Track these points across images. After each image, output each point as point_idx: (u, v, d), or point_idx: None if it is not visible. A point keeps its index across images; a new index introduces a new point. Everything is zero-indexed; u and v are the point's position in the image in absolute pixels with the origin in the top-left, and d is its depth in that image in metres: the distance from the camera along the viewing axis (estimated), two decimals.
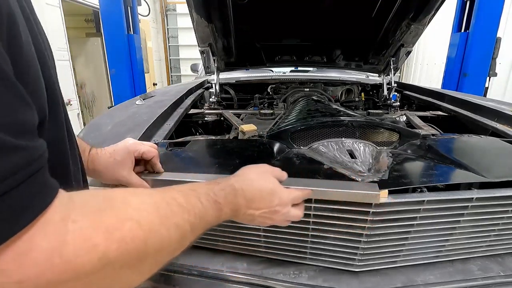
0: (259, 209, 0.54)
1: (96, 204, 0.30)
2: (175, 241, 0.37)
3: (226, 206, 0.48)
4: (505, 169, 0.76)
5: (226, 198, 0.48)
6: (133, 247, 0.31)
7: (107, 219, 0.30)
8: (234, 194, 0.50)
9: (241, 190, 0.52)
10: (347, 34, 1.83)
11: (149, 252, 0.33)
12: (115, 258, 0.29)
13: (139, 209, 0.33)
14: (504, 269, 0.78)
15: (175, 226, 0.36)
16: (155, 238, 0.33)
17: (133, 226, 0.31)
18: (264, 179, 0.56)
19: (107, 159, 0.66)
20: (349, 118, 1.01)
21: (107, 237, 0.29)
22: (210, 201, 0.44)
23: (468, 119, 1.37)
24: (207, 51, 1.77)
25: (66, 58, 3.57)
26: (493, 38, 2.96)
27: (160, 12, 7.77)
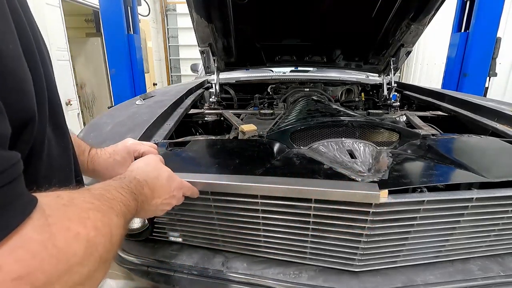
0: (161, 197, 0.56)
1: (55, 201, 0.31)
2: (122, 229, 0.37)
3: (139, 197, 0.48)
4: (505, 169, 0.76)
5: (137, 189, 0.49)
6: (106, 233, 0.32)
7: (74, 211, 0.30)
8: (141, 185, 0.51)
9: (144, 181, 0.53)
10: (347, 34, 1.83)
11: (115, 240, 0.34)
12: (97, 246, 0.30)
13: (89, 202, 0.34)
14: (504, 269, 0.78)
15: (121, 214, 0.37)
16: (116, 225, 0.35)
17: (96, 215, 0.32)
18: (159, 168, 0.59)
19: (107, 159, 0.66)
20: (349, 118, 1.01)
21: (83, 226, 0.29)
22: (128, 192, 0.45)
23: (468, 119, 1.37)
24: (207, 51, 1.77)
25: (66, 58, 3.56)
26: (493, 38, 2.96)
27: (160, 12, 7.76)
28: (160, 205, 0.57)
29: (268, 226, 0.75)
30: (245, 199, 0.71)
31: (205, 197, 0.73)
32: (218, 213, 0.76)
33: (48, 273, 0.25)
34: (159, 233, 0.87)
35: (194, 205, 0.76)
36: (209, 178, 0.71)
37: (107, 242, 0.32)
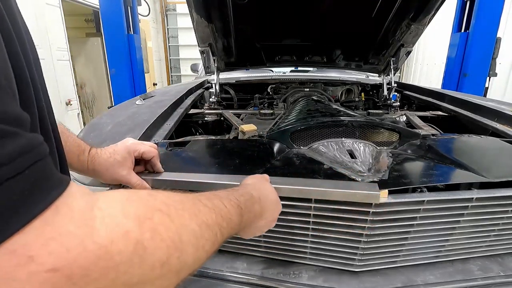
0: (267, 218, 0.54)
1: (122, 195, 0.29)
2: (208, 242, 0.33)
3: (247, 213, 0.46)
4: (505, 169, 0.76)
5: (246, 204, 0.46)
6: (167, 238, 0.28)
7: (135, 208, 0.28)
8: (253, 201, 0.49)
9: (258, 198, 0.51)
10: (347, 34, 1.83)
11: (187, 250, 0.30)
12: (151, 250, 0.27)
13: (166, 203, 0.31)
14: (504, 269, 0.78)
15: (205, 225, 0.33)
16: (188, 234, 0.31)
17: (163, 217, 0.29)
18: (271, 189, 0.57)
19: (107, 159, 0.66)
20: (349, 118, 1.01)
21: (139, 225, 0.27)
22: (234, 205, 0.42)
23: (468, 119, 1.37)
24: (207, 51, 1.77)
25: (66, 58, 3.57)
26: (493, 38, 2.96)
27: (160, 12, 7.76)
28: (263, 227, 0.55)
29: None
30: None
31: None
32: None
33: (87, 268, 0.23)
34: None
35: None
36: (209, 178, 0.71)
37: (171, 249, 0.28)
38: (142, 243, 0.26)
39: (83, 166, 0.64)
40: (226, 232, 0.38)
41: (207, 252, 0.34)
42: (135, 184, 0.68)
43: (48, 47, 3.23)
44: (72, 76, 3.68)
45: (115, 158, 0.66)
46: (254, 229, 0.54)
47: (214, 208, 0.37)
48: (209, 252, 0.34)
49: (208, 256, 0.35)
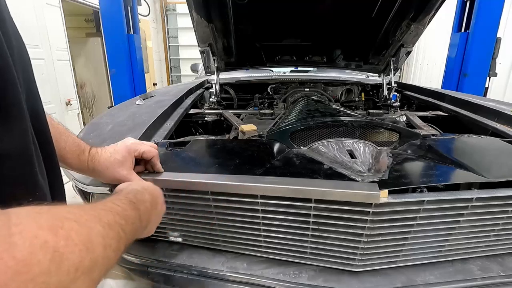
0: (158, 204, 0.58)
1: (30, 210, 0.30)
2: (114, 240, 0.35)
3: (141, 204, 0.48)
4: (505, 169, 0.76)
5: (136, 197, 0.48)
6: (80, 242, 0.30)
7: (46, 219, 0.29)
8: (141, 193, 0.52)
9: (143, 189, 0.54)
10: (347, 34, 1.83)
11: (97, 250, 0.32)
12: (66, 255, 0.28)
13: (70, 211, 0.32)
14: (504, 269, 0.78)
15: (108, 225, 0.35)
16: (97, 235, 0.33)
17: (72, 224, 0.31)
18: (140, 181, 0.62)
19: (107, 159, 0.66)
20: (349, 118, 1.01)
21: (54, 234, 0.28)
22: (125, 203, 0.44)
23: (468, 119, 1.37)
24: (207, 51, 1.77)
25: (66, 58, 3.56)
26: (493, 38, 2.96)
27: (160, 12, 7.76)
28: (161, 211, 0.59)
29: (268, 226, 0.75)
30: (245, 199, 0.71)
31: (205, 197, 0.73)
32: (218, 213, 0.76)
33: (5, 284, 0.24)
34: (159, 233, 0.87)
35: (194, 205, 0.76)
36: (209, 178, 0.71)
37: (83, 252, 0.30)
38: (58, 250, 0.28)
39: (83, 166, 0.65)
40: (128, 228, 0.40)
41: (114, 250, 0.35)
42: None
43: (48, 47, 3.22)
44: (72, 76, 3.68)
45: (115, 157, 0.66)
46: (158, 216, 0.58)
47: (111, 209, 0.39)
48: (116, 251, 0.36)
49: (116, 255, 0.36)
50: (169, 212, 0.80)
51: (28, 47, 0.46)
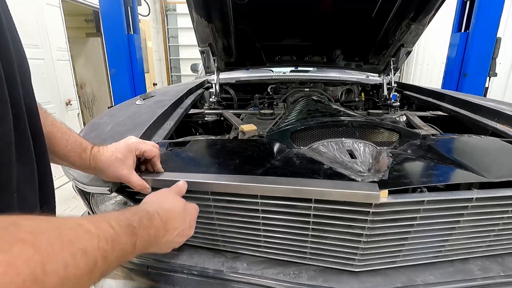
0: (176, 228, 0.55)
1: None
2: (83, 270, 0.32)
3: (143, 230, 0.45)
4: (505, 169, 0.76)
5: (141, 221, 0.45)
6: (27, 273, 0.26)
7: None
8: (149, 217, 0.49)
9: (156, 213, 0.51)
10: (347, 34, 1.83)
11: (50, 281, 0.28)
12: (3, 285, 0.25)
13: (33, 232, 0.29)
14: (504, 269, 0.78)
15: (82, 252, 0.32)
16: (56, 264, 0.28)
17: (25, 249, 0.27)
18: (172, 199, 0.58)
19: (109, 157, 0.66)
20: (349, 118, 1.01)
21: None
22: (123, 226, 0.40)
23: (468, 119, 1.37)
24: (207, 51, 1.77)
25: (66, 58, 3.57)
26: (493, 38, 2.96)
27: (160, 12, 7.76)
28: (176, 237, 0.56)
29: (268, 226, 0.75)
30: (245, 199, 0.71)
31: (205, 197, 0.73)
32: (218, 213, 0.76)
33: None
34: None
35: None
36: (209, 178, 0.71)
37: (27, 282, 0.26)
38: None
39: (85, 164, 0.65)
40: (113, 255, 0.37)
41: (79, 280, 0.31)
42: (135, 184, 0.68)
43: (48, 47, 3.22)
44: (72, 76, 3.68)
45: (116, 156, 0.66)
46: (167, 243, 0.55)
47: (99, 233, 0.35)
48: (82, 280, 0.32)
49: (83, 283, 0.32)
50: None
51: (28, 47, 0.47)
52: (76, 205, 2.76)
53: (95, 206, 0.86)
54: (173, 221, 0.54)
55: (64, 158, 0.63)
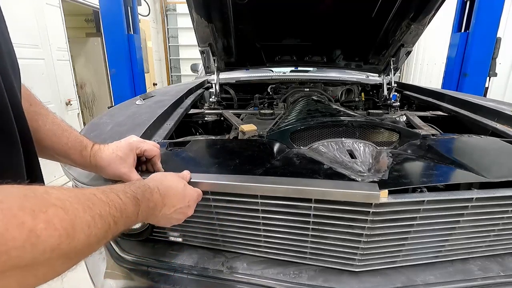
0: (175, 205, 0.58)
1: (19, 191, 0.32)
2: (101, 230, 0.38)
3: (144, 203, 0.50)
4: (505, 169, 0.76)
5: (144, 195, 0.50)
6: (61, 228, 0.32)
7: (31, 203, 0.31)
8: (150, 192, 0.53)
9: (156, 188, 0.55)
10: (347, 34, 1.83)
11: (79, 237, 0.34)
12: (44, 237, 0.30)
13: (61, 199, 0.34)
14: (504, 269, 0.78)
15: (99, 216, 0.38)
16: (82, 224, 0.35)
17: (58, 211, 0.33)
18: (173, 179, 0.61)
19: (110, 155, 0.67)
20: (349, 118, 1.01)
21: (33, 217, 0.30)
22: (129, 197, 0.46)
23: (468, 119, 1.37)
24: (207, 51, 1.77)
25: (66, 58, 3.57)
26: (493, 38, 2.96)
27: (160, 12, 7.76)
28: (174, 214, 0.59)
29: (268, 226, 0.75)
30: (245, 199, 0.71)
31: (205, 197, 0.73)
32: (218, 213, 0.76)
33: None
34: (159, 233, 0.87)
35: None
36: (209, 178, 0.71)
37: (62, 237, 0.32)
38: (35, 232, 0.30)
39: (85, 162, 0.66)
40: (122, 221, 0.43)
41: (99, 239, 0.38)
42: None
43: (48, 47, 3.22)
44: (72, 76, 3.68)
45: (117, 154, 0.67)
46: (165, 217, 0.58)
47: (109, 201, 0.41)
48: (101, 240, 0.39)
49: (100, 244, 0.40)
50: None
51: (28, 47, 0.48)
52: None
53: None
54: (171, 197, 0.58)
55: (64, 155, 0.64)
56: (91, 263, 0.90)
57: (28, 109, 0.56)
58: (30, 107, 0.58)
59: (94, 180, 0.75)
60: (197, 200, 0.65)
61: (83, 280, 0.94)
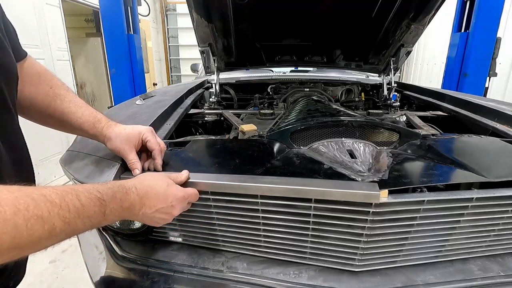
0: (155, 205, 0.58)
1: None
2: (39, 231, 0.38)
3: (114, 203, 0.50)
4: (505, 169, 0.76)
5: (114, 195, 0.51)
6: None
7: None
8: (125, 191, 0.53)
9: (133, 187, 0.55)
10: (347, 34, 1.83)
11: (4, 239, 0.35)
12: None
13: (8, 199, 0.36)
14: (504, 269, 0.78)
15: (36, 217, 0.38)
16: (6, 226, 0.35)
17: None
18: (157, 178, 0.62)
19: (120, 130, 0.74)
20: (349, 118, 1.01)
21: None
22: (92, 199, 0.46)
23: (468, 119, 1.37)
24: (207, 51, 1.77)
25: (66, 58, 3.57)
26: (493, 38, 2.96)
27: (160, 12, 7.76)
28: (156, 213, 0.59)
29: (268, 226, 0.75)
30: (245, 199, 0.71)
31: (205, 197, 0.73)
32: (218, 213, 0.76)
33: None
34: (159, 233, 0.87)
35: (194, 205, 0.76)
36: (209, 178, 0.71)
37: None
38: None
39: (97, 132, 0.73)
40: (79, 221, 0.44)
41: (41, 238, 0.39)
42: (131, 162, 0.72)
43: (48, 47, 3.23)
44: (72, 76, 3.68)
45: (125, 131, 0.73)
46: (147, 217, 0.58)
47: (61, 203, 0.41)
48: (46, 238, 0.40)
49: (49, 240, 0.41)
50: None
51: (28, 47, 0.49)
52: None
53: None
54: (151, 197, 0.58)
55: (79, 128, 0.73)
56: (91, 263, 0.90)
57: (48, 92, 0.71)
58: (50, 90, 0.71)
59: (94, 179, 0.75)
60: (184, 200, 0.65)
61: (80, 280, 0.94)
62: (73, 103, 0.73)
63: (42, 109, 0.70)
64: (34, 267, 1.92)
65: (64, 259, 2.02)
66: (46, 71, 0.74)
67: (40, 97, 0.70)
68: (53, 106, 0.71)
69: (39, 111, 0.71)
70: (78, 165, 0.83)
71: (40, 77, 0.71)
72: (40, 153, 3.11)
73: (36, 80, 0.70)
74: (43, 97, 0.70)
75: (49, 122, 0.74)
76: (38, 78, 0.71)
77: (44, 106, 0.70)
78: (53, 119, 0.72)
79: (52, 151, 3.23)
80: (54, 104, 0.71)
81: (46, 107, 0.70)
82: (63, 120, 0.72)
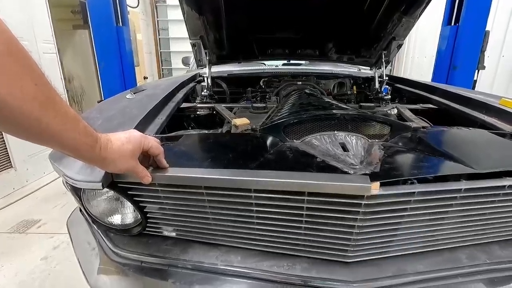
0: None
1: None
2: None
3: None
4: (492, 160, 0.78)
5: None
6: None
7: None
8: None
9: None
10: (339, 27, 1.82)
11: None
12: None
13: None
14: (490, 257, 0.80)
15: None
16: None
17: None
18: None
19: (120, 147, 0.63)
20: (341, 111, 1.02)
21: None
22: None
23: (458, 112, 1.39)
24: (198, 44, 1.75)
25: (53, 51, 3.46)
26: (482, 31, 3.00)
27: (149, 3, 7.59)
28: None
29: (262, 219, 0.75)
30: (238, 193, 0.71)
31: (199, 191, 0.73)
32: (211, 207, 0.76)
33: None
34: (153, 227, 0.87)
35: (188, 199, 0.76)
36: (202, 173, 0.71)
37: None
38: None
39: (94, 156, 0.58)
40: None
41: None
42: (141, 174, 0.68)
43: (34, 39, 3.13)
44: (59, 70, 3.59)
45: (127, 147, 0.63)
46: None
47: None
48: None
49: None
50: (162, 207, 0.80)
51: None
52: (67, 201, 2.72)
53: (87, 202, 0.85)
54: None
55: (73, 151, 0.58)
56: (84, 260, 0.89)
57: None
58: None
59: (85, 176, 0.74)
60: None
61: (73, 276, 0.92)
62: None
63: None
64: (25, 265, 1.90)
65: (56, 255, 2.00)
66: None
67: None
68: None
69: None
70: (68, 161, 0.81)
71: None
72: (29, 149, 3.04)
73: None
74: None
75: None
76: None
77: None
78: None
79: (41, 147, 3.16)
80: None
81: None
82: None
